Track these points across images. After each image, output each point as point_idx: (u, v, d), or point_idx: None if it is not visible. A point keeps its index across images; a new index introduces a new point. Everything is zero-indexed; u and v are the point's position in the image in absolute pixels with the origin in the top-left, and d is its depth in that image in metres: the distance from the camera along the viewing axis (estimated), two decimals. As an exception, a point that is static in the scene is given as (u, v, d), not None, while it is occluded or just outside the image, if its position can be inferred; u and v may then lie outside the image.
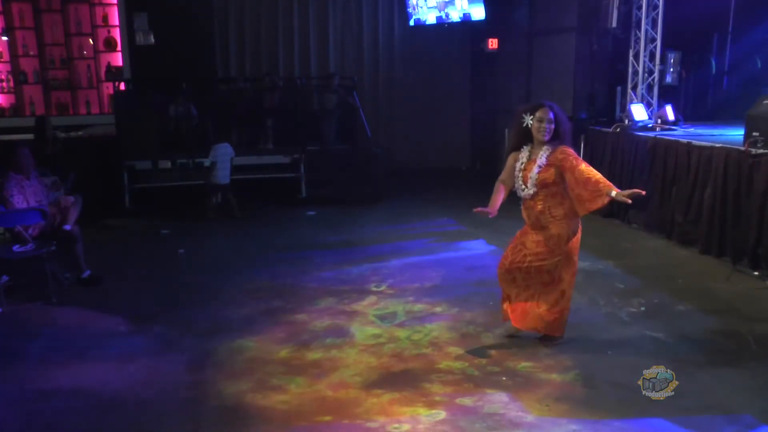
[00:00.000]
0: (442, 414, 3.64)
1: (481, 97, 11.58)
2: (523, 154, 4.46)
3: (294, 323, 5.00)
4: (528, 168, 4.39)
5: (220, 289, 5.80)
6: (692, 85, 9.20)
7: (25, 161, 5.76)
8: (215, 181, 8.52)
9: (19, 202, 5.62)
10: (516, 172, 4.46)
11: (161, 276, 6.26)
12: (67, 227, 5.77)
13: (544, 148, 4.37)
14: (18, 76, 10.17)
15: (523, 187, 4.42)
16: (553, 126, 4.37)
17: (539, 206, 4.38)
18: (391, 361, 4.31)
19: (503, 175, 4.57)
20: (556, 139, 4.38)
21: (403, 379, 4.06)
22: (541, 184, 4.34)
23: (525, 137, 4.46)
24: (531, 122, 4.39)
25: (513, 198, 8.93)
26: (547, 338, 4.52)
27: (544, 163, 4.33)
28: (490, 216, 4.39)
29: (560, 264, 4.40)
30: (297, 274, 6.16)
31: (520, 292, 4.53)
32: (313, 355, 4.44)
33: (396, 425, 3.53)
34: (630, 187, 7.53)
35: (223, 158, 8.51)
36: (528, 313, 4.51)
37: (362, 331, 4.82)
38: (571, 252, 4.41)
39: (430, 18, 10.56)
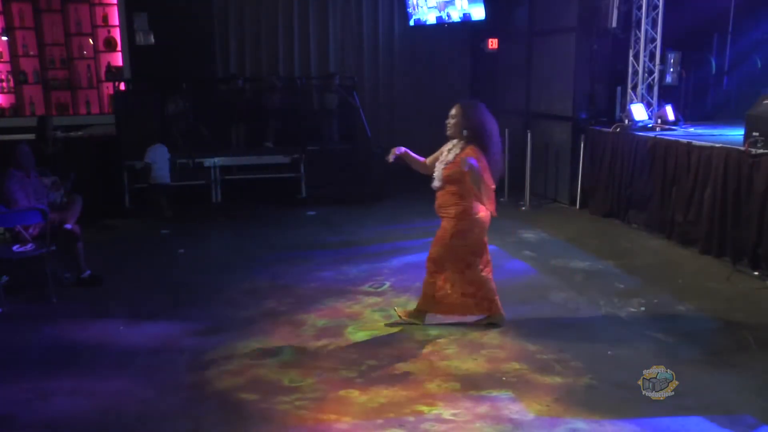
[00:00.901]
0: (442, 414, 3.64)
1: (481, 97, 11.56)
2: (447, 147, 4.68)
3: (294, 323, 5.00)
4: (443, 161, 4.63)
5: (220, 289, 5.80)
6: (692, 85, 9.20)
7: (26, 159, 5.79)
8: (158, 180, 8.58)
9: (21, 198, 5.63)
10: (438, 162, 4.67)
11: (161, 276, 6.26)
12: (68, 226, 5.78)
13: (459, 145, 4.57)
14: (18, 76, 10.16)
15: (434, 177, 4.64)
16: (455, 122, 4.56)
17: (440, 199, 4.64)
18: (391, 361, 4.31)
19: (429, 158, 4.80)
20: (470, 137, 4.53)
21: (403, 378, 4.06)
22: (446, 180, 4.56)
23: None
24: None
25: (513, 199, 8.92)
26: (487, 320, 4.79)
27: (450, 160, 4.56)
28: (397, 152, 4.71)
29: (448, 258, 4.67)
30: (297, 274, 6.16)
31: (435, 283, 4.79)
32: (313, 355, 4.44)
33: (396, 425, 3.53)
34: (631, 188, 7.66)
35: (162, 158, 8.60)
36: (451, 303, 4.77)
37: (362, 330, 4.83)
38: (456, 250, 4.64)
39: (430, 18, 10.56)
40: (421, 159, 4.82)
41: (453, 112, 4.62)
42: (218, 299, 5.56)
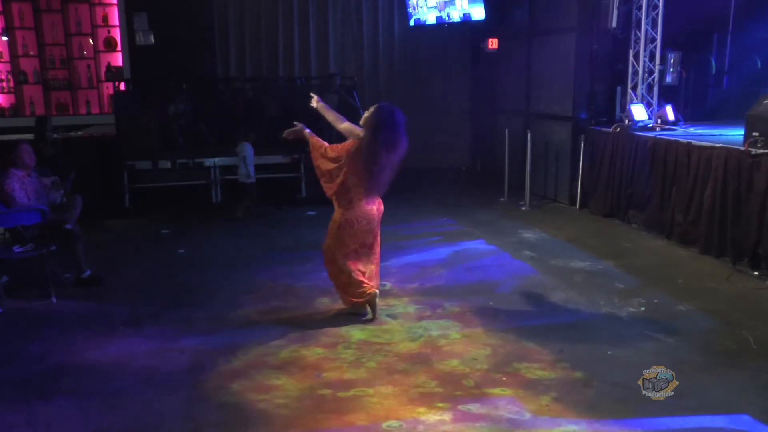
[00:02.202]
0: (441, 414, 3.64)
1: (481, 97, 11.57)
2: None
3: (294, 323, 4.99)
4: None
5: (220, 289, 5.80)
6: (692, 85, 9.20)
7: (27, 158, 5.79)
8: (240, 179, 8.71)
9: (21, 197, 5.63)
10: None
11: (161, 276, 6.26)
12: (68, 226, 5.78)
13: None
14: (18, 76, 10.17)
15: None
16: (364, 115, 4.85)
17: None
18: (391, 361, 4.31)
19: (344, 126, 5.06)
20: (365, 131, 4.81)
21: (402, 379, 4.06)
22: None
23: None
24: None
25: (513, 199, 8.92)
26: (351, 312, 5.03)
27: None
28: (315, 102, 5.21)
29: (333, 246, 4.91)
30: (297, 274, 6.16)
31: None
32: (313, 355, 4.44)
33: (396, 426, 3.54)
34: (631, 188, 7.67)
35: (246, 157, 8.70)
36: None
37: (362, 331, 4.82)
38: (340, 234, 4.91)
39: (430, 18, 10.56)
40: (339, 120, 5.17)
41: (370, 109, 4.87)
42: (218, 299, 5.56)
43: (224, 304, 5.45)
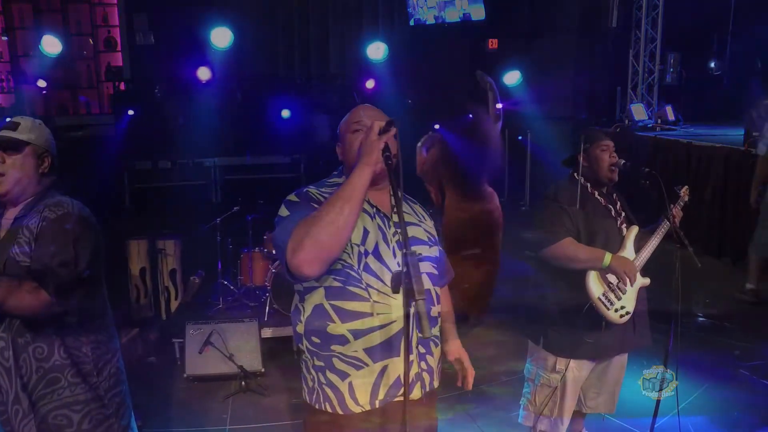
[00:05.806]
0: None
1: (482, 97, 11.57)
2: None
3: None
4: None
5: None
6: (692, 85, 9.21)
7: None
8: None
9: None
10: None
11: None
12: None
13: None
14: (18, 76, 10.17)
15: None
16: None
17: None
18: (391, 361, 4.31)
19: None
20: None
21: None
22: None
23: None
24: None
25: (513, 197, 8.87)
26: None
27: None
28: None
29: None
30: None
31: None
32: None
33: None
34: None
35: None
36: None
37: (362, 331, 4.82)
38: None
39: (430, 18, 10.57)
40: None
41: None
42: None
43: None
